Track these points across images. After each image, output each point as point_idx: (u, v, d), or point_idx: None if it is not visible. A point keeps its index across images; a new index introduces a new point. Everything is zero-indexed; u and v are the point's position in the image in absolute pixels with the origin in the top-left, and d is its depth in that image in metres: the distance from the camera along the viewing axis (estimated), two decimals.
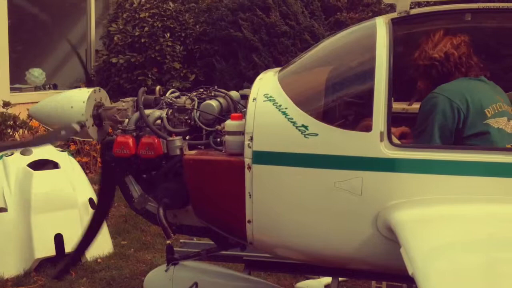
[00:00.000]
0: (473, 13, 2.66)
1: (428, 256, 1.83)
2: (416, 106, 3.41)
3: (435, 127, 2.47)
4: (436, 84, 2.63)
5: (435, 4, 2.94)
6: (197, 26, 8.59)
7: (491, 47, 3.19)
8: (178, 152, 2.68)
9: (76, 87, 7.04)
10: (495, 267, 1.75)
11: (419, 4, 4.94)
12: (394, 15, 2.69)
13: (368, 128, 2.36)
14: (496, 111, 2.51)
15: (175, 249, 3.30)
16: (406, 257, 1.88)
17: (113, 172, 2.88)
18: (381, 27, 2.51)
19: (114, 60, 8.41)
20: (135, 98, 2.96)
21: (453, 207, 2.24)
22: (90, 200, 4.59)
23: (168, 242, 2.89)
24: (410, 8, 2.71)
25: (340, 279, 3.18)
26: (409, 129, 2.88)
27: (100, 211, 3.17)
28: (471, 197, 2.25)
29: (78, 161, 5.37)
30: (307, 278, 3.89)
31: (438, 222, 2.15)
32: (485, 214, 2.18)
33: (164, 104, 2.91)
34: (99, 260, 4.55)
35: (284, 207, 2.51)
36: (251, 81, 2.78)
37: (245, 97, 2.91)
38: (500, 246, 1.89)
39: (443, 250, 1.90)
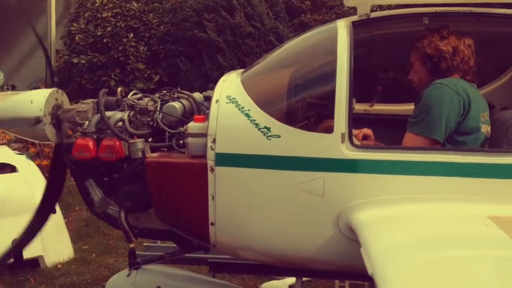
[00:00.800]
0: (431, 17, 2.72)
1: (386, 256, 1.86)
2: (377, 107, 3.48)
3: (442, 117, 2.48)
4: (433, 78, 2.65)
5: (395, 7, 3.00)
6: (161, 27, 8.52)
7: None
8: (140, 154, 2.64)
9: (35, 88, 6.86)
10: (451, 265, 1.79)
11: (381, 7, 5.05)
12: (355, 18, 2.73)
13: (329, 130, 2.38)
14: (486, 118, 2.60)
15: (138, 252, 3.25)
16: (366, 256, 1.90)
17: (62, 168, 2.81)
18: (342, 29, 2.54)
19: (75, 61, 8.26)
20: (95, 100, 2.90)
21: (412, 206, 2.29)
22: None
23: (131, 246, 2.84)
24: (371, 11, 2.75)
25: (304, 279, 3.20)
26: (371, 130, 2.92)
27: (44, 207, 3.08)
28: (430, 197, 2.30)
29: (38, 164, 5.24)
30: (272, 279, 3.90)
31: (397, 221, 2.19)
32: (442, 213, 2.24)
33: (126, 106, 2.86)
34: (59, 266, 4.45)
35: (247, 209, 2.51)
36: (215, 82, 2.76)
37: (208, 99, 2.89)
38: (456, 244, 1.94)
39: (401, 249, 1.94)
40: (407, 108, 3.39)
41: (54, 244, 4.46)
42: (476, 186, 2.28)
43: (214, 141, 2.48)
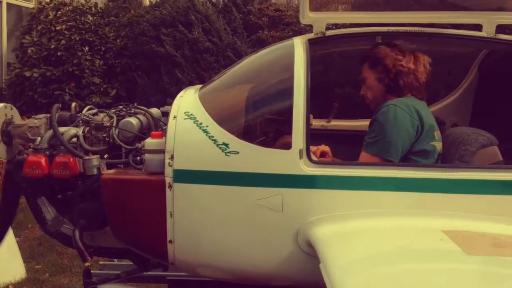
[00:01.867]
0: (383, 36, 2.81)
1: (345, 271, 1.88)
2: (334, 123, 3.55)
3: (398, 139, 2.51)
4: (388, 95, 2.70)
5: (350, 26, 3.08)
6: (117, 41, 8.41)
7: None
8: (95, 171, 2.58)
9: None
10: (408, 279, 1.83)
11: (336, 25, 5.17)
12: (311, 35, 2.78)
13: (287, 146, 2.40)
14: (439, 136, 2.66)
15: (94, 271, 3.15)
16: (325, 272, 1.92)
17: (16, 191, 2.72)
18: (298, 47, 2.58)
19: (27, 74, 8.02)
20: (48, 115, 2.83)
21: (369, 221, 2.33)
22: None
23: (86, 265, 2.75)
24: (327, 29, 2.81)
25: None
26: (328, 147, 2.96)
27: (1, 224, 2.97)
28: (386, 211, 2.35)
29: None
30: None
31: (355, 236, 2.22)
32: (398, 228, 2.28)
33: (81, 121, 2.80)
34: (10, 287, 4.26)
35: (206, 226, 2.49)
36: (174, 97, 2.75)
37: (166, 114, 2.87)
38: (412, 258, 1.99)
39: (358, 264, 1.97)
40: (364, 123, 3.46)
41: (5, 264, 4.28)
42: (430, 200, 2.35)
43: (172, 157, 2.46)
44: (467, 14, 2.88)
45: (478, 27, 2.81)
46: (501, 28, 2.79)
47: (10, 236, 4.34)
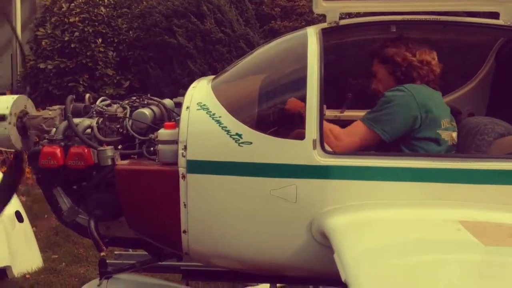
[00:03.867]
0: (398, 25, 2.77)
1: (359, 262, 1.87)
2: (348, 113, 3.52)
3: (394, 117, 2.51)
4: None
5: (364, 15, 3.04)
6: (130, 32, 8.43)
7: None
8: (109, 162, 2.60)
9: (1, 94, 6.67)
10: (423, 270, 1.81)
11: (349, 15, 5.12)
12: (324, 25, 2.75)
13: (301, 136, 2.39)
14: (448, 125, 2.63)
15: (109, 261, 3.19)
16: (339, 262, 1.91)
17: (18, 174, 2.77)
18: (312, 36, 2.56)
19: (42, 66, 8.09)
20: (63, 106, 2.84)
21: (383, 212, 2.31)
22: (17, 213, 4.35)
23: (102, 254, 2.78)
24: (340, 18, 2.78)
25: (277, 285, 3.19)
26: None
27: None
28: (401, 202, 2.33)
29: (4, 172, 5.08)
30: (246, 286, 3.88)
31: (369, 227, 2.20)
32: (414, 218, 2.26)
33: (95, 112, 2.82)
34: (27, 276, 4.33)
35: (220, 216, 2.50)
36: (186, 88, 2.75)
37: (179, 105, 2.86)
38: (428, 249, 1.97)
39: (373, 255, 1.95)
40: None
41: (22, 254, 4.34)
42: (446, 191, 2.32)
43: (185, 148, 2.46)
44: (484, 1, 2.82)
45: (495, 15, 2.76)
46: None
47: (27, 226, 4.41)
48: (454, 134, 2.65)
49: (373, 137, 2.54)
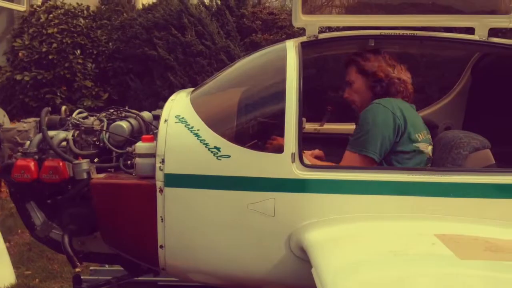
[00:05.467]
0: (376, 39, 2.80)
1: (336, 276, 1.86)
2: (327, 126, 3.53)
3: (378, 136, 2.51)
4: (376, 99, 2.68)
5: (343, 29, 3.07)
6: (110, 44, 8.37)
7: None
8: (85, 175, 2.55)
9: None
10: (400, 284, 1.81)
11: (329, 29, 5.16)
12: (303, 38, 2.77)
13: (280, 149, 2.38)
14: (424, 137, 2.64)
15: (84, 277, 3.11)
16: (317, 277, 1.90)
17: None
18: (290, 50, 2.57)
19: (18, 77, 7.96)
20: (37, 119, 2.79)
21: (362, 225, 2.31)
22: None
23: (77, 270, 2.71)
24: (319, 32, 2.80)
25: None
26: (322, 152, 2.94)
27: None
28: (378, 216, 2.34)
29: None
30: None
31: (347, 241, 2.20)
32: (392, 232, 2.27)
33: (70, 125, 2.77)
34: None
35: (198, 230, 2.47)
36: (166, 100, 2.72)
37: (158, 118, 2.84)
38: (403, 262, 1.96)
39: (350, 269, 1.94)
40: None
41: None
42: (422, 204, 2.33)
43: (162, 161, 2.43)
44: (460, 17, 2.88)
45: (471, 31, 2.81)
46: (493, 32, 2.79)
47: None
48: (430, 148, 2.67)
49: (367, 161, 2.54)
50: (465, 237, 2.13)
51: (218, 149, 2.40)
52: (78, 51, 8.14)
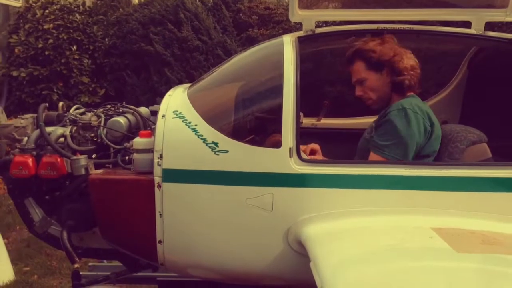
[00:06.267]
0: (373, 34, 2.80)
1: (335, 270, 1.87)
2: (324, 121, 3.54)
3: (413, 143, 2.48)
4: (393, 94, 2.65)
5: (340, 23, 3.07)
6: (106, 39, 8.35)
7: None
8: (83, 171, 2.55)
9: None
10: (398, 277, 1.83)
11: (326, 23, 5.16)
12: (300, 33, 2.77)
13: (277, 144, 2.38)
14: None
15: (83, 273, 3.12)
16: (315, 271, 1.91)
17: None
18: (287, 44, 2.57)
19: (15, 73, 7.94)
20: (35, 115, 2.79)
21: (359, 219, 2.32)
22: None
23: (75, 266, 2.72)
24: (316, 27, 2.80)
25: None
26: (318, 145, 2.94)
27: None
28: (376, 210, 2.34)
29: None
30: None
31: (345, 235, 2.21)
32: (390, 226, 2.28)
33: (68, 121, 2.77)
34: None
35: (196, 225, 2.47)
36: (163, 96, 2.72)
37: (155, 113, 2.84)
38: (402, 256, 1.98)
39: (350, 263, 1.96)
40: (354, 122, 3.47)
41: None
42: (420, 198, 2.34)
43: (160, 156, 2.43)
44: (456, 11, 2.88)
45: (467, 24, 2.81)
46: (490, 25, 2.79)
47: None
48: None
49: None
50: (462, 231, 2.14)
51: (216, 144, 2.40)
52: (74, 47, 8.13)
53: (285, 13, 8.19)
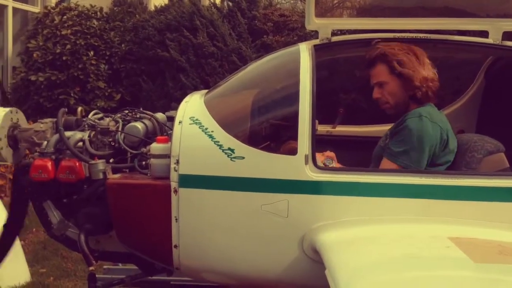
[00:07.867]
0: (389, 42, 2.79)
1: (350, 278, 1.88)
2: (340, 128, 3.54)
3: (429, 152, 2.48)
4: (410, 101, 2.63)
5: (356, 32, 3.08)
6: (122, 45, 8.44)
7: None
8: (101, 175, 2.59)
9: None
10: (413, 286, 1.82)
11: (342, 31, 5.17)
12: (316, 41, 2.78)
13: (293, 151, 2.40)
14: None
15: (98, 276, 3.15)
16: (331, 279, 1.91)
17: (25, 194, 2.73)
18: (304, 52, 2.59)
19: (33, 78, 8.06)
20: (54, 119, 2.83)
21: (375, 227, 2.32)
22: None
23: (91, 269, 2.75)
24: (332, 35, 2.81)
25: None
26: (333, 153, 2.95)
27: (10, 233, 2.97)
28: (392, 218, 2.34)
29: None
30: None
31: (361, 243, 2.21)
32: (405, 235, 2.27)
33: (86, 126, 2.81)
34: None
35: (211, 231, 2.49)
36: (178, 101, 2.75)
37: (171, 119, 2.87)
38: (418, 265, 1.97)
39: (365, 271, 1.96)
40: (369, 129, 3.47)
41: (10, 268, 4.25)
42: (436, 207, 2.33)
43: (177, 162, 2.46)
44: (473, 20, 2.87)
45: (485, 34, 2.81)
46: (507, 35, 2.78)
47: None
48: None
49: None
50: (479, 241, 2.13)
51: (232, 150, 2.42)
52: (91, 53, 8.23)
53: (300, 20, 8.21)
